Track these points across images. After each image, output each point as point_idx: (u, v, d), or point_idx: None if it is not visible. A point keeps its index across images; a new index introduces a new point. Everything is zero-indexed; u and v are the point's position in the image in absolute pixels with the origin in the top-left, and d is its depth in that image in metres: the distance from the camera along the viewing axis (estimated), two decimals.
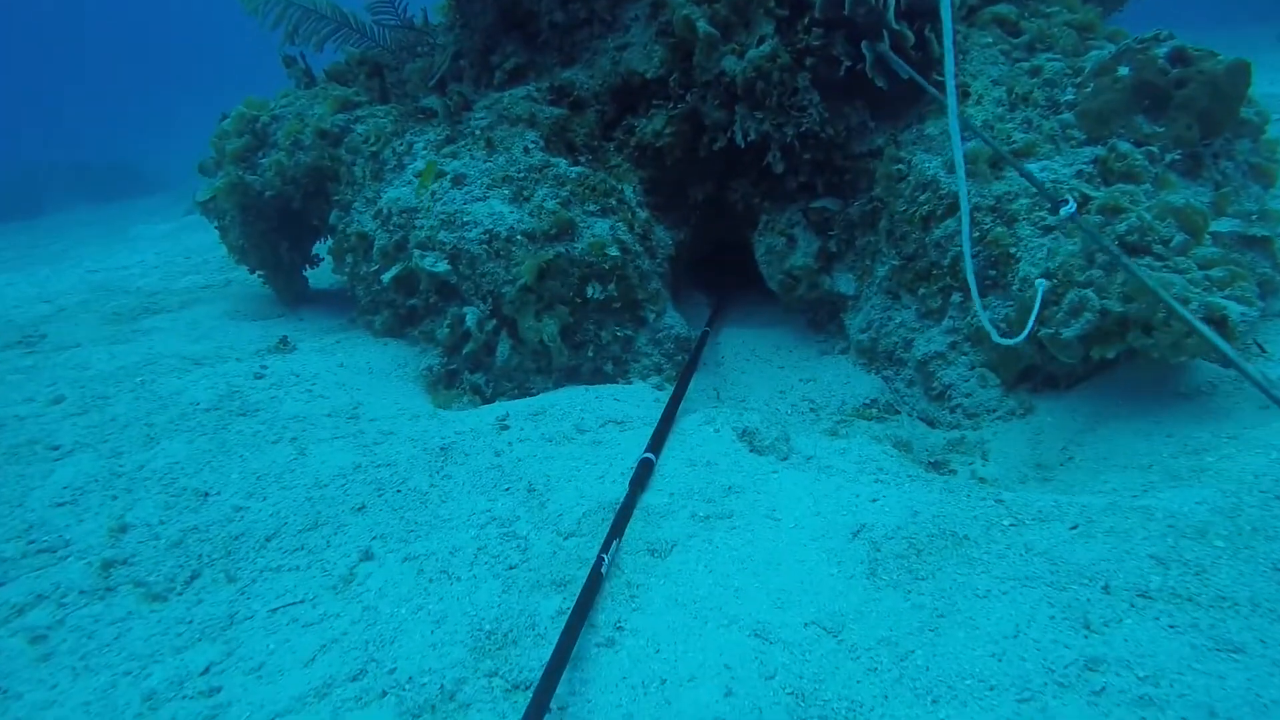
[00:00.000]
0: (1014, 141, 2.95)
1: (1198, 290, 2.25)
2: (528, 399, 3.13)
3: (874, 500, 1.85)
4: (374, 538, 2.20)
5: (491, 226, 3.36)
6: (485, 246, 3.35)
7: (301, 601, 1.99)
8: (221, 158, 4.34)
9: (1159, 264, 2.36)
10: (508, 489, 2.32)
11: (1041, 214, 2.72)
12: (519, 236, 3.33)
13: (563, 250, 3.30)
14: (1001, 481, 2.39)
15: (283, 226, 4.46)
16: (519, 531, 2.07)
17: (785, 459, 2.35)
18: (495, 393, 3.42)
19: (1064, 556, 1.52)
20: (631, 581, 1.74)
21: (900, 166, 3.19)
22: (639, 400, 2.88)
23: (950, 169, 3.01)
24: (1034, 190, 2.76)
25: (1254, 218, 2.87)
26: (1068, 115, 3.00)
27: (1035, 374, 2.83)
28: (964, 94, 3.23)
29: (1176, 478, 1.99)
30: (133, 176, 19.10)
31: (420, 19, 4.76)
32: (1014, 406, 2.78)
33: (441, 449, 2.63)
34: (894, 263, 3.21)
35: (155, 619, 1.99)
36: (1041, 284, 2.34)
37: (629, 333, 3.43)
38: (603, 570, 1.79)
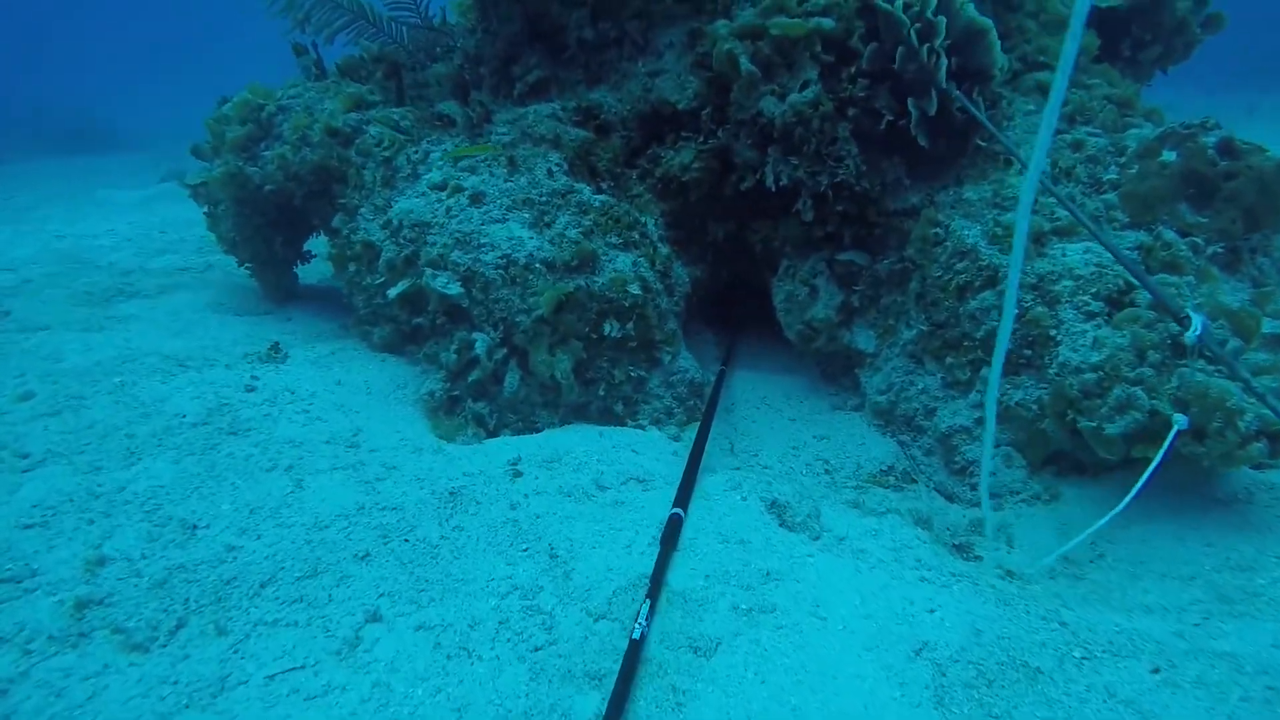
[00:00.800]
0: (1058, 219, 2.89)
1: (1252, 401, 2.20)
2: (536, 437, 2.99)
3: (931, 611, 1.76)
4: (381, 595, 2.04)
5: (510, 251, 3.21)
6: (501, 272, 3.20)
7: (302, 667, 1.83)
8: (220, 144, 4.11)
9: (1213, 369, 2.31)
10: (526, 550, 2.18)
11: (1086, 298, 2.66)
12: (538, 265, 3.19)
13: (583, 283, 3.17)
14: (1031, 576, 2.32)
15: (279, 221, 4.25)
16: (544, 605, 1.93)
17: (817, 539, 2.24)
18: (499, 424, 3.26)
19: (1154, 711, 1.44)
20: (677, 686, 1.61)
21: (938, 230, 3.12)
22: (658, 453, 2.76)
23: (991, 240, 2.95)
24: (1079, 273, 2.71)
25: None
26: (1111, 195, 2.96)
27: (1063, 459, 2.77)
28: (1008, 162, 3.17)
29: (1228, 601, 1.94)
30: (103, 131, 18.27)
31: (439, 19, 4.59)
32: (1039, 490, 2.72)
33: (450, 493, 2.47)
34: (922, 327, 3.14)
35: (136, 675, 1.80)
36: (1181, 420, 2.20)
37: (642, 374, 3.31)
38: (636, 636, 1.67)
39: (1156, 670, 1.55)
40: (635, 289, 3.22)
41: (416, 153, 3.69)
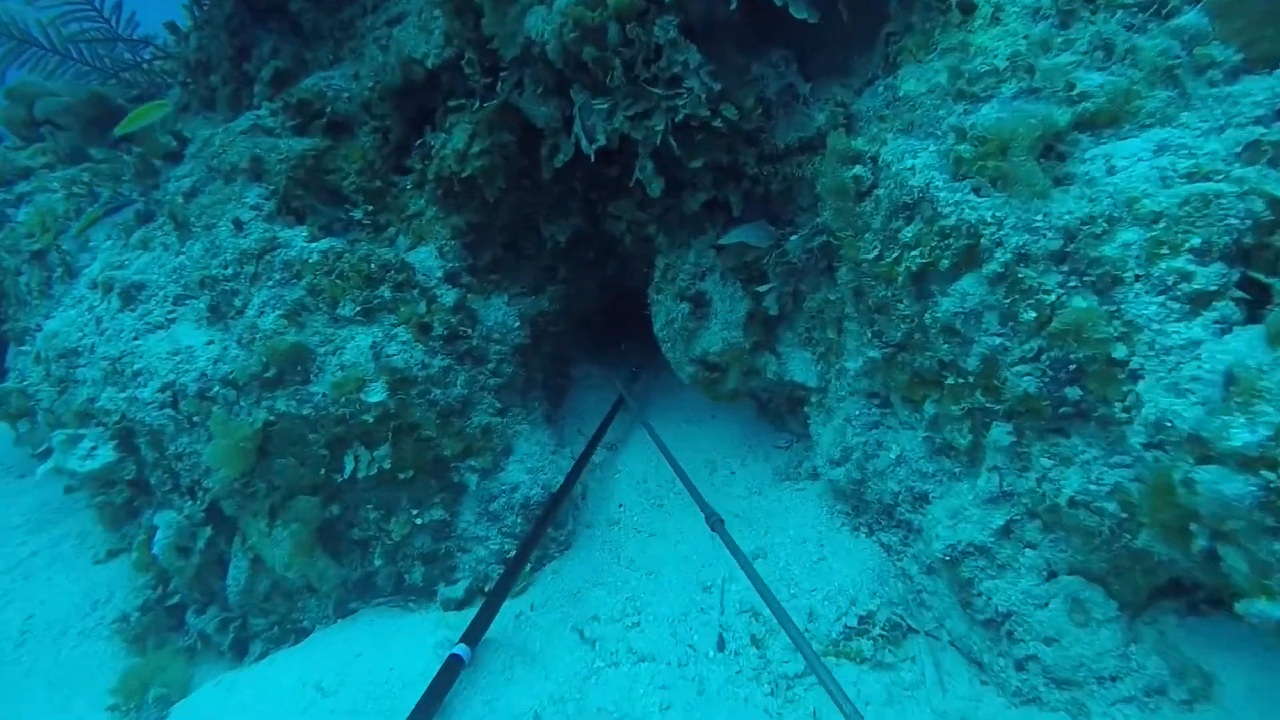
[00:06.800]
0: (1083, 94, 1.41)
1: None
2: (253, 670, 1.76)
3: None
4: None
5: (174, 376, 1.95)
6: (170, 411, 1.95)
7: None
8: None
9: None
10: None
11: (1180, 263, 1.21)
12: (217, 387, 1.91)
13: (290, 404, 1.88)
14: None
15: None
16: None
17: None
18: (245, 637, 2.05)
19: None
20: None
21: (860, 170, 1.67)
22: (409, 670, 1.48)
23: (956, 166, 1.49)
24: (1151, 207, 1.24)
25: None
26: (1190, 16, 1.44)
27: (1179, 588, 1.36)
28: (963, 9, 1.68)
29: None
30: None
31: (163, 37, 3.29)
32: (1162, 676, 1.32)
33: None
34: (871, 353, 1.72)
35: None
36: None
37: (440, 514, 2.01)
38: None
39: None
40: (378, 393, 1.90)
41: (74, 235, 2.44)
